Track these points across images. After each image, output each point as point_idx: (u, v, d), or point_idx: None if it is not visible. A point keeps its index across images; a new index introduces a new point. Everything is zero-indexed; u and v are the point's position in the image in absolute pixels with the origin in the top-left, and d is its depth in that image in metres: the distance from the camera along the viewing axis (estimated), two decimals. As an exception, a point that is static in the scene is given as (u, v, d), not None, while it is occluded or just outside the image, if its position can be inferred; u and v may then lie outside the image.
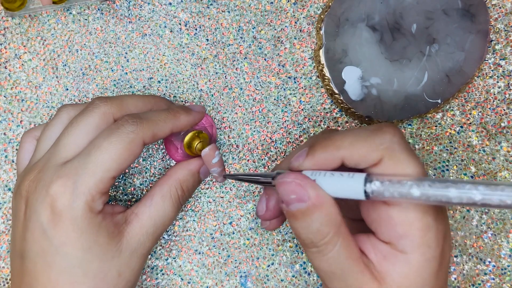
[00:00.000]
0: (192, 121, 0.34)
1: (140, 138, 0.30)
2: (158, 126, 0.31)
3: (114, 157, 0.29)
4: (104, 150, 0.29)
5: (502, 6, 0.39)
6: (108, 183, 0.30)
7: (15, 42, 0.39)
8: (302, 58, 0.39)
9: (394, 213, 0.26)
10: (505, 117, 0.39)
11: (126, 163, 0.30)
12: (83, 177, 0.29)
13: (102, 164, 0.29)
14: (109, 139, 0.30)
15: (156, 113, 0.32)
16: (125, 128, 0.30)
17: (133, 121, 0.31)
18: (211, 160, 0.33)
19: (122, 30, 0.39)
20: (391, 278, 0.27)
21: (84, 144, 0.31)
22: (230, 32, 0.39)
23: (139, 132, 0.30)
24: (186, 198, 0.35)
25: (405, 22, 0.38)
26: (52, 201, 0.29)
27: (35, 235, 0.30)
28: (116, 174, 0.30)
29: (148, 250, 0.32)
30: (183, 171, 0.34)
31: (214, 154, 0.33)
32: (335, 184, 0.27)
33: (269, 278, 0.39)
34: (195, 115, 0.34)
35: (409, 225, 0.26)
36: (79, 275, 0.30)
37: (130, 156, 0.30)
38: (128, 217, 0.32)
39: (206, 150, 0.33)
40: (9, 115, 0.39)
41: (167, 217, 0.33)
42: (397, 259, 0.27)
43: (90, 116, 0.31)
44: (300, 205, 0.27)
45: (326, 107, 0.39)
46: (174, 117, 0.32)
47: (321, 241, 0.27)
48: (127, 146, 0.30)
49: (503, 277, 0.38)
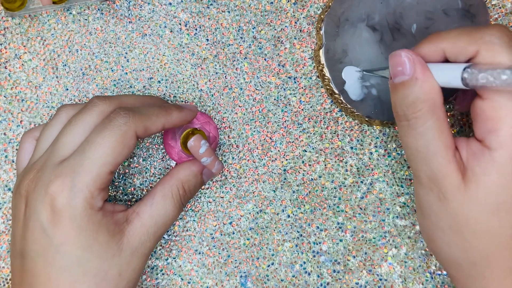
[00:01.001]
0: (184, 118, 0.34)
1: (132, 130, 0.30)
2: (151, 120, 0.31)
3: (108, 151, 0.30)
4: (98, 145, 0.30)
5: (502, 6, 0.39)
6: (106, 178, 0.30)
7: (15, 42, 0.39)
8: (302, 58, 0.39)
9: (487, 108, 0.28)
10: (505, 117, 0.39)
11: (121, 156, 0.30)
12: (80, 174, 0.29)
13: (97, 159, 0.29)
14: (102, 134, 0.30)
15: (149, 108, 0.32)
16: (117, 121, 0.30)
17: (125, 114, 0.31)
18: (198, 151, 0.33)
19: (122, 30, 0.39)
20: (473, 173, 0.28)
21: (82, 142, 0.31)
22: (230, 32, 0.39)
23: (131, 124, 0.30)
24: (187, 198, 0.35)
25: (405, 22, 0.38)
26: (51, 200, 0.29)
27: (35, 235, 0.30)
28: (112, 168, 0.30)
29: (149, 249, 0.32)
30: (186, 171, 0.34)
31: (200, 145, 0.33)
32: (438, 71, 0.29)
33: (269, 278, 0.39)
34: (187, 112, 0.34)
35: (499, 120, 0.27)
36: (79, 274, 0.30)
37: (124, 149, 0.30)
38: (129, 216, 0.32)
39: (191, 142, 0.33)
40: (9, 115, 0.39)
41: (168, 216, 0.33)
42: (484, 155, 0.28)
43: (89, 114, 0.31)
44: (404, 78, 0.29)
45: (326, 107, 0.39)
46: (166, 113, 0.33)
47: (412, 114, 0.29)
48: (119, 139, 0.30)
49: (503, 277, 0.38)
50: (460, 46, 0.28)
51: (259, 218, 0.39)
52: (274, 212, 0.39)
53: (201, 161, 0.34)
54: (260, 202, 0.39)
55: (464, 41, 0.28)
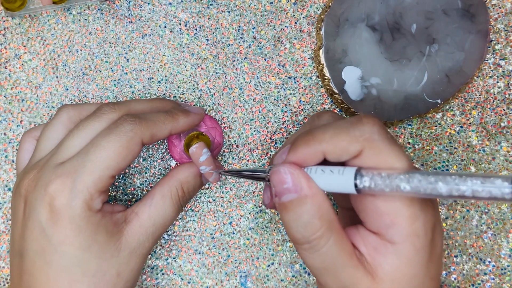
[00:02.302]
0: (191, 123, 0.34)
1: (138, 137, 0.30)
2: (157, 127, 0.32)
3: (112, 155, 0.30)
4: (102, 149, 0.30)
5: (502, 6, 0.39)
6: (107, 181, 0.30)
7: (15, 42, 0.39)
8: (302, 58, 0.39)
9: (381, 203, 0.26)
10: (505, 117, 0.39)
11: (124, 162, 0.30)
12: (82, 175, 0.29)
13: (100, 162, 0.29)
14: (108, 138, 0.30)
15: (156, 114, 0.32)
16: (124, 127, 0.30)
17: (132, 120, 0.31)
18: (198, 159, 0.33)
19: (122, 30, 0.39)
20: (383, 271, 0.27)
21: (86, 145, 0.31)
22: (230, 32, 0.39)
23: (138, 131, 0.30)
24: (186, 199, 0.35)
25: (405, 22, 0.38)
26: (50, 199, 0.29)
27: (34, 234, 0.30)
28: (114, 173, 0.30)
29: (147, 250, 0.32)
30: (185, 173, 0.34)
31: (201, 153, 0.33)
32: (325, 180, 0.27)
33: (269, 278, 0.39)
34: (194, 116, 0.34)
35: (396, 215, 0.26)
36: (78, 274, 0.30)
37: (128, 155, 0.30)
38: (128, 216, 0.32)
39: (193, 149, 0.33)
40: (9, 115, 0.39)
41: (167, 217, 0.33)
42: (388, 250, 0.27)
43: (97, 121, 0.32)
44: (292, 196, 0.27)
45: (326, 107, 0.39)
46: (173, 119, 0.33)
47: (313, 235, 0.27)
48: (125, 145, 0.30)
49: (503, 277, 0.38)
50: (342, 147, 0.26)
51: (259, 218, 0.39)
52: (274, 212, 0.39)
53: (200, 168, 0.34)
54: (260, 202, 0.39)
55: (345, 141, 0.26)
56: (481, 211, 0.38)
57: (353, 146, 0.26)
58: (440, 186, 0.24)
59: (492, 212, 0.38)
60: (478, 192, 0.23)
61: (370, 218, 0.27)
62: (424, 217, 0.26)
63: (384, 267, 0.27)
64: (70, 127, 0.33)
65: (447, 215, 0.39)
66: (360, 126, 0.27)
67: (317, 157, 0.27)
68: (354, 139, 0.26)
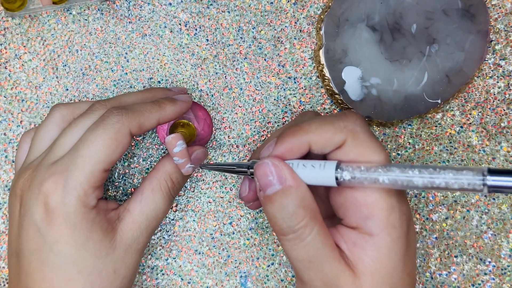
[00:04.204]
0: (179, 111, 0.34)
1: (126, 128, 0.30)
2: (144, 117, 0.31)
3: (101, 149, 0.30)
4: (91, 143, 0.30)
5: (502, 6, 0.39)
6: (100, 176, 0.30)
7: (15, 42, 0.39)
8: (302, 58, 0.39)
9: (359, 195, 0.28)
10: (505, 117, 0.39)
11: (115, 155, 0.30)
12: (74, 172, 0.29)
13: (90, 157, 0.29)
14: (95, 132, 0.30)
15: (142, 104, 0.32)
16: (110, 120, 0.30)
17: (118, 112, 0.31)
18: (172, 149, 0.32)
19: (122, 30, 0.39)
20: (363, 264, 0.28)
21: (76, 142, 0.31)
22: (230, 32, 0.39)
23: (125, 122, 0.30)
24: (177, 189, 0.34)
25: (405, 22, 0.38)
26: (45, 198, 0.29)
27: (30, 233, 0.30)
28: (106, 166, 0.30)
29: (142, 245, 0.32)
30: (172, 163, 0.34)
31: (176, 144, 0.32)
32: (307, 173, 0.28)
33: (269, 278, 0.39)
34: (181, 104, 0.34)
35: (374, 206, 0.27)
36: (74, 272, 0.30)
37: (118, 146, 0.30)
38: (120, 213, 0.32)
39: (168, 138, 0.32)
40: (9, 115, 0.39)
41: (159, 210, 0.33)
42: (367, 243, 0.28)
43: (89, 118, 0.32)
44: (276, 187, 0.28)
45: (326, 107, 0.39)
46: (160, 108, 0.33)
47: (297, 224, 0.28)
48: (113, 137, 0.30)
49: (503, 277, 0.38)
50: (327, 137, 0.28)
51: (259, 218, 0.39)
52: (274, 212, 0.39)
53: (173, 159, 0.33)
54: (260, 202, 0.39)
55: (330, 131, 0.28)
56: (481, 211, 0.38)
57: (337, 136, 0.28)
58: (416, 179, 0.26)
59: (492, 212, 0.38)
60: (451, 184, 0.25)
61: (349, 212, 0.28)
62: (399, 209, 0.28)
63: (364, 260, 0.28)
64: (63, 126, 0.33)
65: (447, 215, 0.39)
66: (344, 118, 0.29)
67: (302, 148, 0.29)
68: (338, 129, 0.28)
